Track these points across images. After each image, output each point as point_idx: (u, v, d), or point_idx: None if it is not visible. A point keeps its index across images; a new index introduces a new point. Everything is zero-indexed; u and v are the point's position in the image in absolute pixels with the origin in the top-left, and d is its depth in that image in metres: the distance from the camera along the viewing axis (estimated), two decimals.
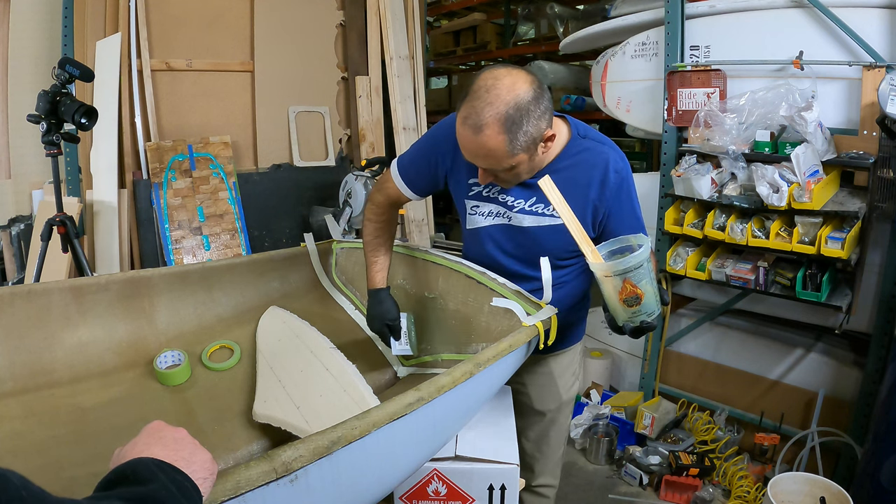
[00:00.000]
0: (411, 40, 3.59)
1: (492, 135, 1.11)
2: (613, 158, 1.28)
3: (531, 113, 1.12)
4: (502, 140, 1.11)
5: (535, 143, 1.16)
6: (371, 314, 1.41)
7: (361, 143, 3.58)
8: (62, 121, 2.13)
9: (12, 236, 2.93)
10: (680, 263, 2.48)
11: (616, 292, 1.05)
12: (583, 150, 1.29)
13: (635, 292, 1.03)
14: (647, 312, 1.06)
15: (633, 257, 1.01)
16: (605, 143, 1.31)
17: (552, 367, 1.52)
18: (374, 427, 0.74)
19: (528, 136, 1.13)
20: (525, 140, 1.13)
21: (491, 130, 1.11)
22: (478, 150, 1.15)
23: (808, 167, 2.04)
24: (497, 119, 1.10)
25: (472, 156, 1.18)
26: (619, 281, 1.03)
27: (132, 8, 2.90)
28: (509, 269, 1.38)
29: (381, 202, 1.46)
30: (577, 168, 1.28)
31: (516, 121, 1.11)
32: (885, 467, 1.81)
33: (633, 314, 1.07)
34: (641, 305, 1.05)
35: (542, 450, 1.57)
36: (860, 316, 2.24)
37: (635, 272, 1.02)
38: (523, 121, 1.11)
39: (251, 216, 3.17)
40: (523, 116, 1.11)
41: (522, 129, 1.12)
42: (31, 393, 1.10)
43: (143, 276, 1.31)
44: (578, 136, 1.30)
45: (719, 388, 2.71)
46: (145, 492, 0.49)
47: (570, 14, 4.65)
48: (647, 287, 1.04)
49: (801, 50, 2.17)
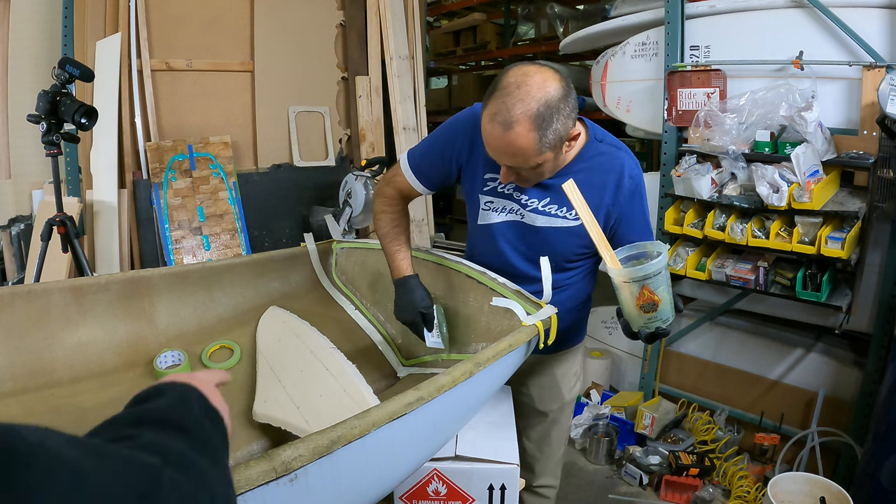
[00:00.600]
0: (411, 40, 3.59)
1: (522, 132, 1.10)
2: (629, 165, 1.28)
3: (561, 111, 1.11)
4: (532, 138, 1.11)
5: (561, 141, 1.16)
6: (402, 303, 1.34)
7: (361, 143, 3.59)
8: (62, 121, 2.13)
9: (12, 236, 2.93)
10: (680, 263, 2.47)
11: (633, 298, 1.05)
12: (599, 153, 1.29)
13: (652, 299, 1.04)
14: (662, 319, 1.07)
15: (652, 264, 1.02)
16: (622, 149, 1.31)
17: (554, 368, 1.52)
18: (373, 427, 0.74)
19: (557, 134, 1.13)
20: (553, 138, 1.13)
21: (521, 128, 1.10)
22: (507, 147, 1.13)
23: (808, 167, 2.04)
24: (528, 116, 1.09)
25: (499, 153, 1.17)
26: (636, 287, 1.04)
27: (132, 8, 2.90)
28: (517, 267, 1.38)
29: (392, 195, 1.43)
30: (592, 171, 1.27)
31: (546, 118, 1.10)
32: (885, 467, 1.81)
33: (648, 320, 1.07)
34: (658, 312, 1.05)
35: (544, 450, 1.57)
36: (860, 316, 2.24)
37: (654, 279, 1.02)
38: (553, 118, 1.10)
39: (251, 216, 3.17)
40: (553, 114, 1.10)
41: (552, 128, 1.11)
42: (31, 393, 1.10)
43: (143, 276, 1.31)
44: (595, 139, 1.30)
45: (719, 388, 2.71)
46: (188, 419, 0.52)
47: (570, 14, 4.65)
48: (664, 294, 1.04)
49: (801, 50, 2.17)
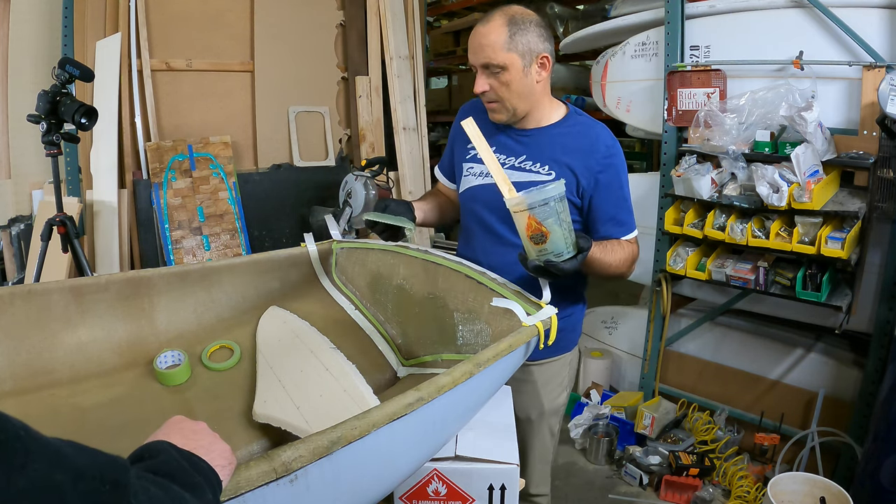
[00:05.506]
0: (411, 40, 3.59)
1: (494, 26, 1.30)
2: (604, 135, 1.40)
3: (533, 27, 1.31)
4: (504, 32, 1.29)
5: (530, 53, 1.32)
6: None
7: (361, 143, 3.59)
8: (62, 121, 2.12)
9: (12, 236, 2.93)
10: (680, 263, 2.48)
11: (523, 229, 1.12)
12: (578, 123, 1.43)
13: (540, 230, 1.11)
14: (554, 252, 1.13)
15: (532, 192, 1.08)
16: (599, 124, 1.44)
17: (535, 377, 1.51)
18: (373, 427, 0.74)
19: (526, 41, 1.31)
20: (522, 44, 1.30)
21: (494, 23, 1.31)
22: (480, 38, 1.31)
23: (808, 167, 2.04)
24: (503, 15, 1.31)
25: (474, 48, 1.34)
26: (523, 217, 1.10)
27: (132, 8, 2.90)
28: (494, 229, 1.45)
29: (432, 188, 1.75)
30: (569, 135, 1.40)
31: (519, 23, 1.30)
32: (885, 467, 1.81)
33: (539, 252, 1.14)
34: (548, 244, 1.12)
35: (523, 457, 1.52)
36: (860, 316, 2.24)
37: (539, 209, 1.08)
38: (526, 27, 1.30)
39: (251, 216, 3.17)
40: (527, 24, 1.31)
41: (522, 32, 1.30)
42: (31, 393, 1.10)
43: (143, 276, 1.31)
44: (575, 113, 1.46)
45: (719, 388, 2.71)
46: (154, 463, 0.51)
47: (570, 14, 4.65)
48: (554, 227, 1.10)
49: (801, 50, 2.17)
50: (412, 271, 1.53)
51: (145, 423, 1.05)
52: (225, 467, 0.59)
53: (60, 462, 0.40)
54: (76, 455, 0.42)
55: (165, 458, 0.53)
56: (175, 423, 0.63)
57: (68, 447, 0.42)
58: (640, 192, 2.70)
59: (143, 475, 0.47)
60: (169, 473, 0.51)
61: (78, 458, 0.41)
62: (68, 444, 0.42)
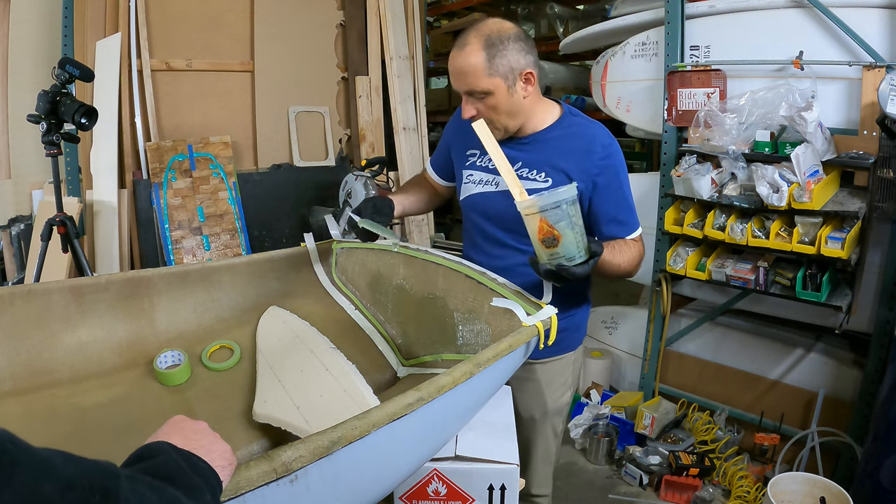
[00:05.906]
0: (411, 40, 3.59)
1: (472, 50, 1.25)
2: (600, 134, 1.37)
3: (512, 44, 1.26)
4: (482, 56, 1.24)
5: (512, 72, 1.27)
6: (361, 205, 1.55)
7: (361, 143, 3.59)
8: (62, 121, 2.12)
9: (12, 236, 2.93)
10: (680, 263, 2.47)
11: (534, 232, 1.11)
12: (573, 124, 1.40)
13: (552, 233, 1.09)
14: (566, 256, 1.11)
15: (544, 196, 1.07)
16: (595, 124, 1.41)
17: (539, 375, 1.50)
18: (374, 427, 0.74)
19: (507, 62, 1.26)
20: (503, 66, 1.25)
21: (471, 47, 1.25)
22: (460, 65, 1.27)
23: (808, 167, 2.03)
24: (479, 37, 1.25)
25: (455, 75, 1.30)
26: (535, 220, 1.09)
27: (132, 8, 2.90)
28: (496, 237, 1.44)
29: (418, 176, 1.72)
30: (564, 138, 1.38)
31: (497, 44, 1.24)
32: (885, 467, 1.81)
33: (551, 256, 1.12)
34: (560, 248, 1.10)
35: (527, 457, 1.54)
36: (860, 316, 2.24)
37: (551, 213, 1.07)
38: (504, 46, 1.25)
39: (251, 216, 3.17)
40: (505, 42, 1.25)
41: (501, 53, 1.25)
42: (31, 393, 1.10)
43: (143, 276, 1.31)
44: (570, 114, 1.42)
45: (719, 388, 2.71)
46: (153, 464, 0.52)
47: (570, 14, 4.65)
48: (566, 231, 1.09)
49: (801, 50, 2.17)
50: (412, 271, 1.53)
51: (145, 424, 1.05)
52: (225, 468, 0.59)
53: (48, 473, 0.40)
54: (64, 465, 0.42)
55: (164, 459, 0.53)
56: (176, 422, 0.63)
57: (57, 457, 0.42)
58: (640, 192, 2.69)
59: (138, 478, 0.47)
60: (168, 475, 0.51)
61: (66, 468, 0.42)
62: (57, 454, 0.42)
